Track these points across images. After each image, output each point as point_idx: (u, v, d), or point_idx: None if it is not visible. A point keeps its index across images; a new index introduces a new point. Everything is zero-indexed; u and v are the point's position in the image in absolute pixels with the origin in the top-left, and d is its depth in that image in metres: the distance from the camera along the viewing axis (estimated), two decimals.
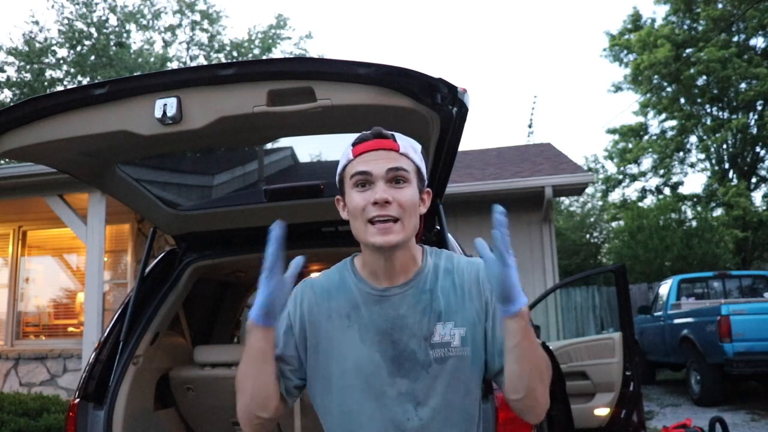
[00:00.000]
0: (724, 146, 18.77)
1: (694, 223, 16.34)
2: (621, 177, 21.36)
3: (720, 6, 17.93)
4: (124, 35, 21.32)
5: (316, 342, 1.34)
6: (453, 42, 70.93)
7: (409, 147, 1.34)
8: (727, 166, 19.15)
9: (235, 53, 22.21)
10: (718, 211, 18.24)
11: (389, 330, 1.31)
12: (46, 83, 19.80)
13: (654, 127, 20.74)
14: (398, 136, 1.34)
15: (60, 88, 18.18)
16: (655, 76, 18.85)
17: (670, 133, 20.25)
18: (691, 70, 17.96)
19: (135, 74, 7.06)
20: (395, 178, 1.28)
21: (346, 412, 1.31)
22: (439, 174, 2.11)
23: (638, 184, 21.43)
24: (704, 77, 18.18)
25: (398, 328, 1.31)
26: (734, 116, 18.35)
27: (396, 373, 1.29)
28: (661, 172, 20.73)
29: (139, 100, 1.67)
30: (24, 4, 35.58)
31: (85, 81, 20.04)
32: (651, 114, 20.46)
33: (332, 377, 1.31)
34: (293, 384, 1.35)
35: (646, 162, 20.77)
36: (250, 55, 21.97)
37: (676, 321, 8.57)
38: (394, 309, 1.32)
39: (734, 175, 18.93)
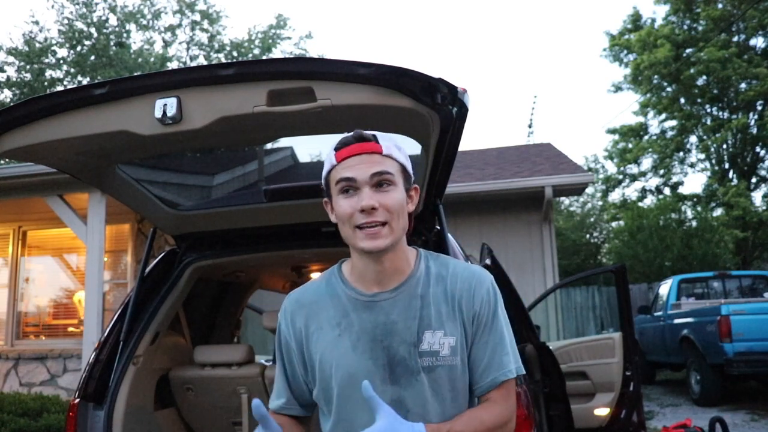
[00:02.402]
0: (724, 146, 18.77)
1: (694, 223, 16.31)
2: (621, 177, 21.37)
3: (720, 6, 17.92)
4: (124, 35, 21.30)
5: (313, 354, 1.33)
6: (453, 42, 70.95)
7: (393, 147, 1.32)
8: (727, 166, 19.14)
9: (235, 53, 22.19)
10: (718, 211, 18.22)
11: (380, 336, 1.29)
12: (46, 83, 19.79)
13: (654, 127, 20.77)
14: (380, 136, 1.31)
15: (60, 88, 18.15)
16: (655, 76, 18.84)
17: (670, 133, 20.24)
18: (691, 70, 17.95)
19: (135, 74, 7.05)
20: (380, 182, 1.27)
21: (343, 420, 1.31)
22: (439, 174, 2.11)
23: (638, 184, 21.48)
24: (704, 77, 18.16)
25: (389, 334, 1.29)
26: (734, 116, 18.33)
27: (388, 380, 1.28)
28: (661, 172, 20.73)
29: (139, 100, 1.66)
30: (24, 4, 35.61)
31: (85, 81, 20.03)
32: (651, 114, 20.46)
33: (331, 387, 1.31)
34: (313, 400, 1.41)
35: (646, 162, 20.80)
36: (250, 55, 21.94)
37: (676, 321, 8.57)
38: (384, 315, 1.31)
39: (734, 175, 18.93)
